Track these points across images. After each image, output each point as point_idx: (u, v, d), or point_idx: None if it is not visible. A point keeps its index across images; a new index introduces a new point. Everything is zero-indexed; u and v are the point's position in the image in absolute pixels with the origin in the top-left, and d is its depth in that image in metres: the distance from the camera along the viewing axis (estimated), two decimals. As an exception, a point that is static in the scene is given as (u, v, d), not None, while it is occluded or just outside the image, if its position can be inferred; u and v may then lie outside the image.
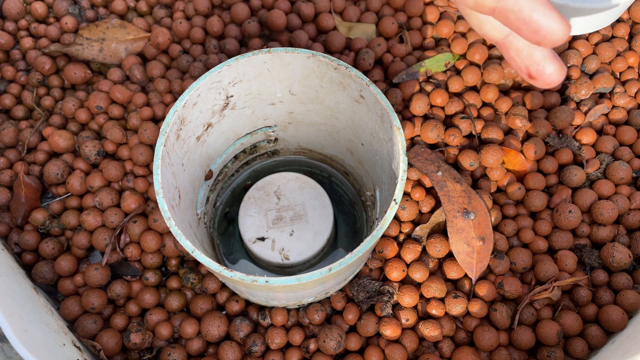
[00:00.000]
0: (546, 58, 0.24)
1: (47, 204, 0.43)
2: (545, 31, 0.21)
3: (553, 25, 0.21)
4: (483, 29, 0.26)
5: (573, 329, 0.36)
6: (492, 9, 0.22)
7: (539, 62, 0.24)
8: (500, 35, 0.26)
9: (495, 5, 0.22)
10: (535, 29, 0.22)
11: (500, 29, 0.25)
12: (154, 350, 0.38)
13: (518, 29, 0.22)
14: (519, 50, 0.25)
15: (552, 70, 0.24)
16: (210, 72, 0.31)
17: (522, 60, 0.25)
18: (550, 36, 0.22)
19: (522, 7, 0.21)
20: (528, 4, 0.21)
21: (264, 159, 0.43)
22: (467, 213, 0.37)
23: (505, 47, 0.26)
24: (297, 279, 0.26)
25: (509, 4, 0.22)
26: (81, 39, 0.47)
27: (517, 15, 0.22)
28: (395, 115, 0.30)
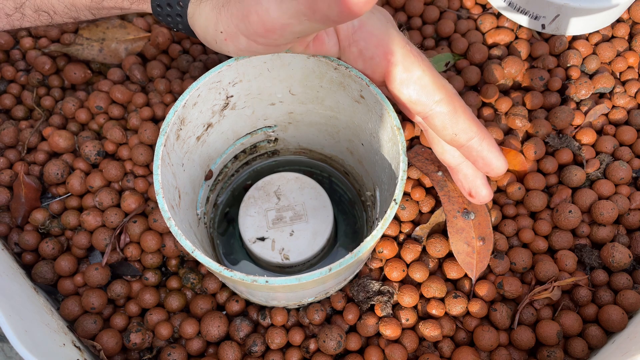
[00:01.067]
0: (483, 184, 0.34)
1: (47, 204, 0.43)
2: (494, 166, 0.32)
3: (499, 163, 0.32)
4: (444, 155, 0.34)
5: (573, 329, 0.36)
6: (461, 145, 0.32)
7: (478, 187, 0.34)
8: (455, 163, 0.34)
9: (465, 143, 0.31)
10: (488, 164, 0.32)
11: (456, 158, 0.34)
12: (154, 350, 0.38)
13: (476, 161, 0.32)
14: (466, 176, 0.35)
15: (485, 193, 0.35)
16: (210, 72, 0.31)
17: (467, 183, 0.35)
18: (496, 170, 0.32)
19: (483, 148, 0.31)
20: (487, 147, 0.31)
21: (264, 159, 0.43)
22: (467, 213, 0.37)
23: (456, 171, 0.35)
24: (297, 279, 0.26)
25: (475, 145, 0.31)
26: (81, 39, 0.47)
27: (478, 153, 0.32)
28: (395, 115, 0.30)
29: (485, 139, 0.31)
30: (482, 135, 0.31)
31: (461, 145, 0.32)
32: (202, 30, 0.31)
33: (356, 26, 0.31)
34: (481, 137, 0.31)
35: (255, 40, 0.28)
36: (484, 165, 0.32)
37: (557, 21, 0.45)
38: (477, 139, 0.31)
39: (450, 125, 0.31)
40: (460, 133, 0.31)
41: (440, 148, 0.34)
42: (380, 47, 0.31)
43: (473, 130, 0.31)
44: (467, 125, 0.31)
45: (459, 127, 0.31)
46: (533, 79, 0.44)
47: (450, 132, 0.31)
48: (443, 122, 0.31)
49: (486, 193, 0.35)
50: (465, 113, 0.31)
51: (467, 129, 0.31)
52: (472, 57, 0.45)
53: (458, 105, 0.31)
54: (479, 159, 0.32)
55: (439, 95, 0.31)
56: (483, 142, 0.31)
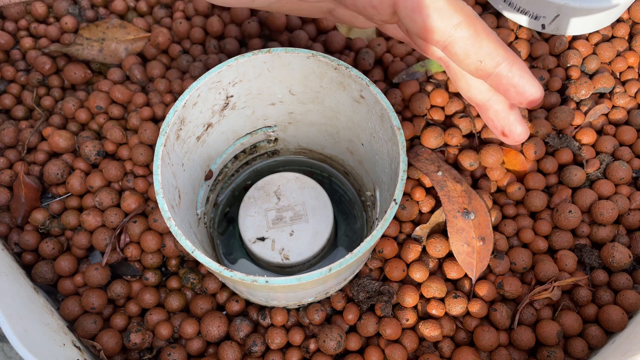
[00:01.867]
0: (517, 121, 0.31)
1: (47, 204, 0.43)
2: (528, 93, 0.28)
3: (534, 90, 0.28)
4: (470, 91, 0.31)
5: (573, 329, 0.36)
6: (488, 74, 0.28)
7: (512, 123, 0.31)
8: (483, 98, 0.31)
9: (492, 71, 0.28)
10: (520, 92, 0.28)
11: (484, 93, 0.31)
12: (154, 350, 0.38)
13: (507, 91, 0.28)
14: (497, 113, 0.31)
15: (521, 130, 0.31)
16: (210, 72, 0.31)
17: (499, 121, 0.32)
18: (531, 98, 0.28)
19: (514, 74, 0.28)
20: (518, 72, 0.28)
21: (264, 159, 0.43)
22: (467, 213, 0.37)
23: (485, 108, 0.32)
24: (297, 279, 0.26)
25: (504, 71, 0.28)
26: (81, 39, 0.47)
27: (508, 80, 0.28)
28: (395, 115, 0.30)
29: (515, 64, 0.28)
30: (512, 60, 0.28)
31: (488, 74, 0.28)
32: None
33: None
34: (510, 62, 0.28)
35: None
36: (516, 94, 0.28)
37: (557, 21, 0.45)
38: (505, 64, 0.27)
39: (474, 51, 0.27)
40: (486, 59, 0.27)
41: (465, 83, 0.31)
42: None
43: (500, 54, 0.27)
44: (493, 49, 0.27)
45: (484, 51, 0.27)
46: (533, 79, 0.44)
47: (474, 59, 0.27)
48: (465, 48, 0.27)
49: (522, 130, 0.31)
50: (490, 36, 0.27)
51: (493, 52, 0.27)
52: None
53: (480, 27, 0.27)
54: (511, 88, 0.28)
55: (458, 18, 0.27)
56: (513, 67, 0.28)
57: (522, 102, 0.29)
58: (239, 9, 0.47)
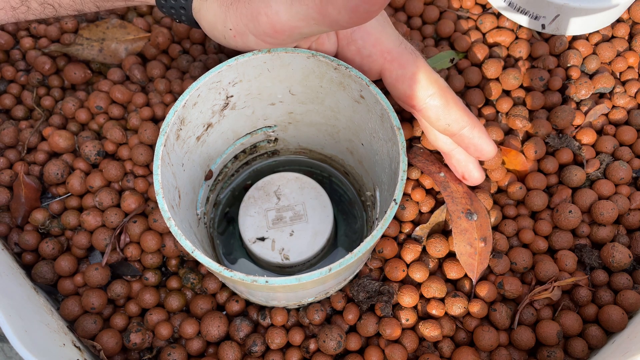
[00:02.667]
0: (475, 168, 0.37)
1: (47, 204, 0.43)
2: (485, 151, 0.34)
3: (489, 148, 0.34)
4: (437, 143, 0.36)
5: (573, 329, 0.36)
6: (454, 134, 0.34)
7: (471, 170, 0.37)
8: (448, 149, 0.36)
9: (457, 132, 0.34)
10: (479, 150, 0.34)
11: (449, 145, 0.36)
12: (154, 350, 0.38)
13: (467, 148, 0.35)
14: (459, 161, 0.37)
15: (477, 176, 0.37)
16: (210, 72, 0.31)
17: (460, 167, 0.37)
18: (487, 154, 0.34)
19: (474, 135, 0.34)
20: (478, 134, 0.34)
21: (264, 159, 0.43)
22: (470, 214, 0.37)
23: (449, 156, 0.37)
24: (297, 279, 0.26)
25: (466, 133, 0.34)
26: (81, 39, 0.47)
27: (469, 140, 0.34)
28: (395, 116, 0.30)
29: (475, 127, 0.34)
30: (473, 124, 0.33)
31: (454, 134, 0.34)
32: (209, 25, 0.32)
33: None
34: (472, 126, 0.33)
35: (264, 40, 0.30)
36: (475, 150, 0.35)
37: (557, 21, 0.45)
38: (468, 127, 0.33)
39: (443, 117, 0.33)
40: (453, 123, 0.33)
41: (433, 136, 0.36)
42: (377, 46, 0.33)
43: (464, 120, 0.33)
44: (459, 116, 0.33)
45: (451, 117, 0.33)
46: (533, 79, 0.44)
47: (443, 123, 0.33)
48: (436, 114, 0.33)
49: (478, 175, 0.37)
50: (457, 104, 0.33)
51: (459, 119, 0.33)
52: (473, 57, 0.45)
53: (450, 98, 0.33)
54: (471, 146, 0.34)
55: (432, 90, 0.33)
56: (474, 130, 0.34)
57: (479, 157, 0.35)
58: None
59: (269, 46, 0.31)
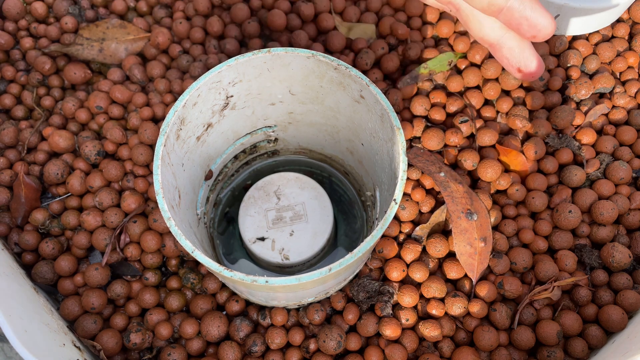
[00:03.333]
0: (532, 55, 0.32)
1: (47, 204, 0.43)
2: (541, 26, 0.29)
3: (546, 22, 0.29)
4: (482, 31, 0.32)
5: (573, 329, 0.36)
6: (500, 9, 0.28)
7: (527, 58, 0.32)
8: (496, 37, 0.32)
9: (504, 5, 0.28)
10: (533, 24, 0.29)
11: (497, 31, 0.31)
12: (154, 350, 0.38)
13: (519, 25, 0.29)
14: (511, 50, 0.32)
15: (536, 64, 0.32)
16: (210, 72, 0.31)
17: (513, 58, 0.32)
18: (544, 30, 0.29)
19: (525, 7, 0.28)
20: (529, 5, 0.28)
21: (264, 159, 0.43)
22: (470, 214, 0.37)
23: (499, 47, 0.32)
24: (297, 279, 0.26)
25: (515, 5, 0.28)
26: (81, 39, 0.47)
27: (520, 13, 0.28)
28: (395, 116, 0.30)
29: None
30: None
31: (500, 9, 0.29)
32: None
33: None
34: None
35: None
36: (529, 27, 0.29)
37: (557, 21, 0.45)
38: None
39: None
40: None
41: (477, 23, 0.32)
42: None
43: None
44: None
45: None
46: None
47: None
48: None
49: (537, 64, 0.32)
50: None
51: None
52: (473, 57, 0.45)
53: None
54: (523, 21, 0.29)
55: None
56: (525, 1, 0.28)
57: (536, 36, 0.29)
58: (239, 8, 0.47)
59: None
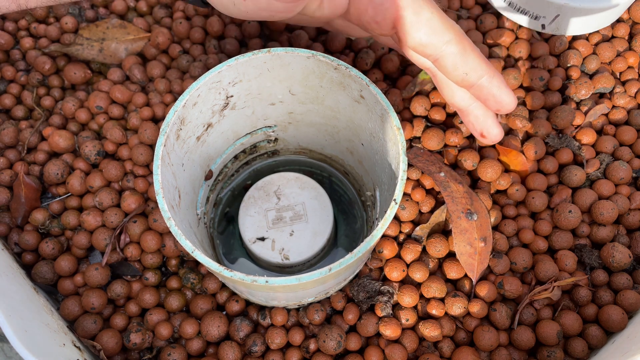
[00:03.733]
0: (494, 124, 0.35)
1: (47, 204, 0.43)
2: (504, 103, 0.32)
3: (509, 99, 0.32)
4: (454, 98, 0.35)
5: (573, 329, 0.36)
6: (472, 85, 0.32)
7: (489, 126, 0.35)
8: (465, 105, 0.35)
9: (475, 82, 0.32)
10: (498, 101, 0.32)
11: (466, 100, 0.34)
12: (154, 350, 0.38)
13: (487, 99, 0.32)
14: (477, 117, 0.35)
15: (497, 132, 0.35)
16: (210, 72, 0.31)
17: (478, 124, 0.35)
18: (507, 106, 0.33)
19: (493, 85, 0.32)
20: (497, 84, 0.32)
21: (264, 159, 0.43)
22: (470, 214, 0.37)
23: (467, 113, 0.35)
24: (297, 279, 0.26)
25: (485, 83, 0.32)
26: (81, 39, 0.47)
27: (488, 91, 0.32)
28: (395, 115, 0.30)
29: (495, 77, 0.32)
30: (492, 73, 0.32)
31: (472, 85, 0.32)
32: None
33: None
34: (491, 75, 0.31)
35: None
36: (495, 102, 0.32)
37: (557, 21, 0.45)
38: (487, 76, 0.31)
39: (461, 65, 0.31)
40: (471, 72, 0.31)
41: (450, 91, 0.34)
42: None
43: (483, 68, 0.31)
44: (477, 64, 0.31)
45: (469, 65, 0.31)
46: (533, 79, 0.44)
47: (460, 71, 0.31)
48: (454, 62, 0.31)
49: (497, 132, 0.35)
50: (475, 52, 0.31)
51: (477, 67, 0.31)
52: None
53: (467, 44, 0.31)
54: (490, 97, 0.32)
55: (449, 36, 0.31)
56: (493, 80, 0.32)
57: (499, 109, 0.33)
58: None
59: (280, 6, 0.30)
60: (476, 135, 0.36)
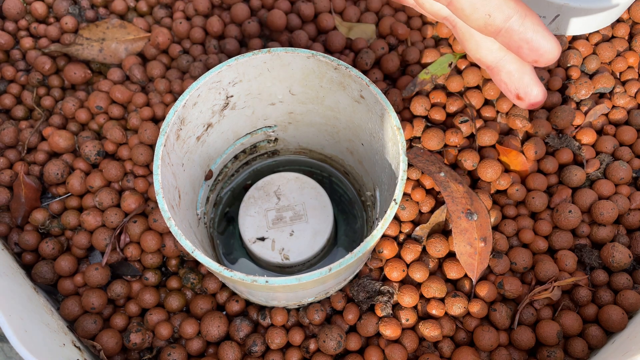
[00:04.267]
0: (533, 81, 0.29)
1: (47, 204, 0.43)
2: (543, 50, 0.26)
3: (549, 45, 0.26)
4: (479, 52, 0.29)
5: (573, 329, 0.36)
6: (498, 29, 0.25)
7: (527, 85, 0.29)
8: (494, 59, 0.29)
9: (502, 25, 0.25)
10: (534, 48, 0.26)
11: (495, 53, 0.29)
12: (154, 350, 0.38)
13: (519, 48, 0.26)
14: (510, 74, 0.29)
15: (537, 92, 0.29)
16: (210, 72, 0.31)
17: (512, 83, 0.29)
18: (547, 55, 0.26)
19: (526, 28, 0.25)
20: (531, 26, 0.25)
21: (264, 159, 0.43)
22: (470, 214, 0.37)
23: (497, 70, 0.29)
24: (297, 279, 0.26)
25: (515, 25, 0.25)
26: (81, 39, 0.47)
27: (520, 36, 0.25)
28: (395, 115, 0.30)
29: (527, 16, 0.25)
30: (523, 12, 0.25)
31: (498, 30, 0.26)
32: None
33: None
34: (522, 15, 0.25)
35: None
36: (530, 50, 0.26)
37: (557, 21, 0.45)
38: (516, 17, 0.25)
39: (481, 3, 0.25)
40: (495, 11, 0.25)
41: (474, 43, 0.29)
42: None
43: (510, 6, 0.25)
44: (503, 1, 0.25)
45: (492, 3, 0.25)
46: (533, 79, 0.44)
47: (482, 12, 0.25)
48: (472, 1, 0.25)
49: (538, 91, 0.29)
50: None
51: (503, 4, 0.25)
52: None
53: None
54: (524, 44, 0.26)
55: None
56: (525, 21, 0.25)
57: (538, 60, 0.27)
58: (239, 8, 0.47)
59: None
60: (511, 98, 0.30)
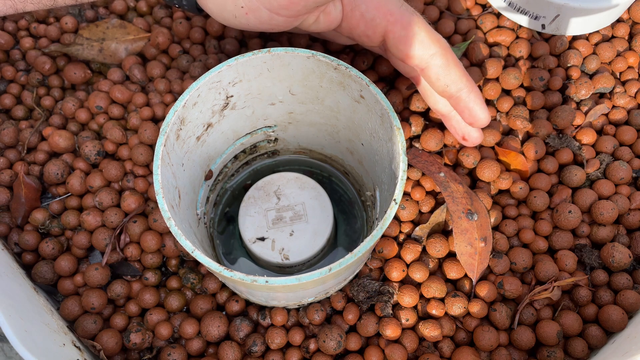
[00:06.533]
0: (473, 129, 0.38)
1: (47, 204, 0.43)
2: (478, 118, 0.35)
3: (483, 116, 0.35)
4: (437, 105, 0.38)
5: (573, 329, 0.36)
6: (451, 96, 0.35)
7: (470, 130, 0.38)
8: (447, 111, 0.38)
9: (454, 94, 0.34)
10: (473, 115, 0.35)
11: (448, 107, 0.38)
12: (154, 350, 0.38)
13: (463, 111, 0.35)
14: (458, 122, 0.38)
15: (476, 135, 0.38)
16: (210, 72, 0.31)
17: (459, 128, 0.38)
18: (479, 122, 0.35)
19: (470, 100, 0.35)
20: (474, 99, 0.35)
21: (264, 158, 0.43)
22: (471, 214, 0.37)
23: (448, 118, 0.38)
24: (297, 279, 0.26)
25: (463, 96, 0.35)
26: (81, 39, 0.47)
27: (465, 104, 0.35)
28: (395, 115, 0.30)
29: (472, 92, 0.34)
30: (470, 88, 0.34)
31: (451, 96, 0.35)
32: (217, 7, 0.33)
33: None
34: (469, 89, 0.34)
35: (278, 13, 0.32)
36: (469, 116, 0.35)
37: (557, 21, 0.45)
38: (465, 90, 0.34)
39: (443, 77, 0.34)
40: (452, 84, 0.34)
41: (433, 100, 0.38)
42: (380, 8, 0.34)
43: (463, 82, 0.34)
44: (458, 77, 0.34)
45: (451, 78, 0.34)
46: (533, 79, 0.44)
47: (442, 83, 0.34)
48: (437, 73, 0.34)
49: (477, 135, 0.38)
50: (457, 66, 0.34)
51: (458, 80, 0.34)
52: (472, 56, 0.45)
53: (451, 58, 0.34)
54: (466, 110, 0.35)
55: (434, 49, 0.33)
56: (470, 94, 0.34)
57: (472, 123, 0.36)
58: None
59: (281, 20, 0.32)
60: (458, 139, 0.39)
